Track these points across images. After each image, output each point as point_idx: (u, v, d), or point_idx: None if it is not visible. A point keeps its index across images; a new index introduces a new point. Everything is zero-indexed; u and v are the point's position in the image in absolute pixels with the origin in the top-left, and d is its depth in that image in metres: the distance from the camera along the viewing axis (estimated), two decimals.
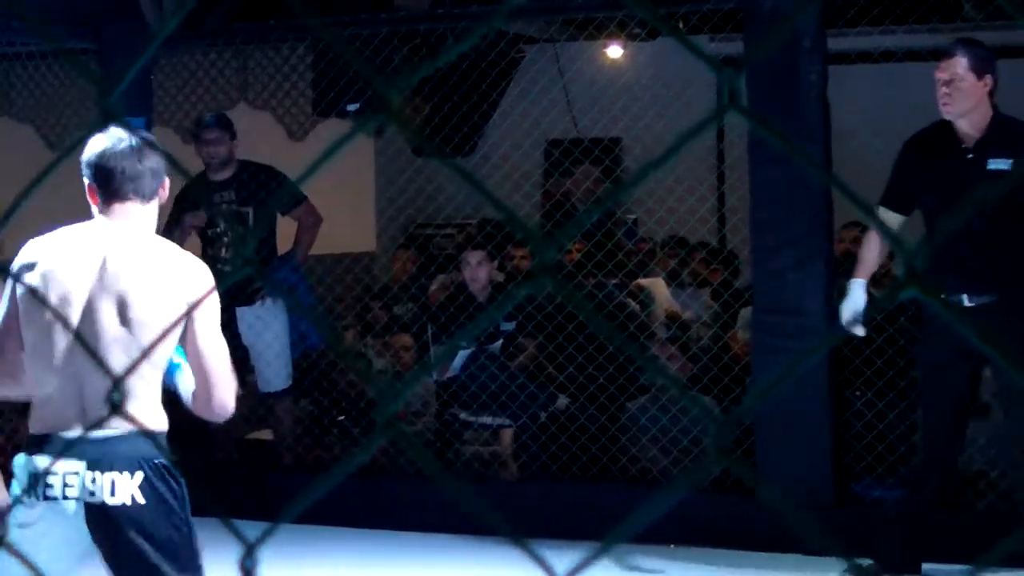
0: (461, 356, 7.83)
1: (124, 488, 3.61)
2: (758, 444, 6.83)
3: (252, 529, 1.34)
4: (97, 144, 3.86)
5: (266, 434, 8.44)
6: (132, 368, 3.54)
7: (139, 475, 3.62)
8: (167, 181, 3.90)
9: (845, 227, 7.96)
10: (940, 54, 5.91)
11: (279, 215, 8.04)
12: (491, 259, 8.01)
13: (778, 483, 6.55)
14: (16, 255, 3.83)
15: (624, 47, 10.19)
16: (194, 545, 3.72)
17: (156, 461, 3.64)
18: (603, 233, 8.35)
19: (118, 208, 3.82)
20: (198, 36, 8.27)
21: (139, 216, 3.85)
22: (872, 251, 6.02)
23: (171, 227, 7.97)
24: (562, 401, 7.80)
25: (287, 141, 8.45)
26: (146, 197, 3.85)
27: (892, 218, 5.88)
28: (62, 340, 3.71)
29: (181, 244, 7.86)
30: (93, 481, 3.61)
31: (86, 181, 3.86)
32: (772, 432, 6.76)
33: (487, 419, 7.83)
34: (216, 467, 7.92)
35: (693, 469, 6.93)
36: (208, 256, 7.96)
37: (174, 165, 4.08)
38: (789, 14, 6.60)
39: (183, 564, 3.69)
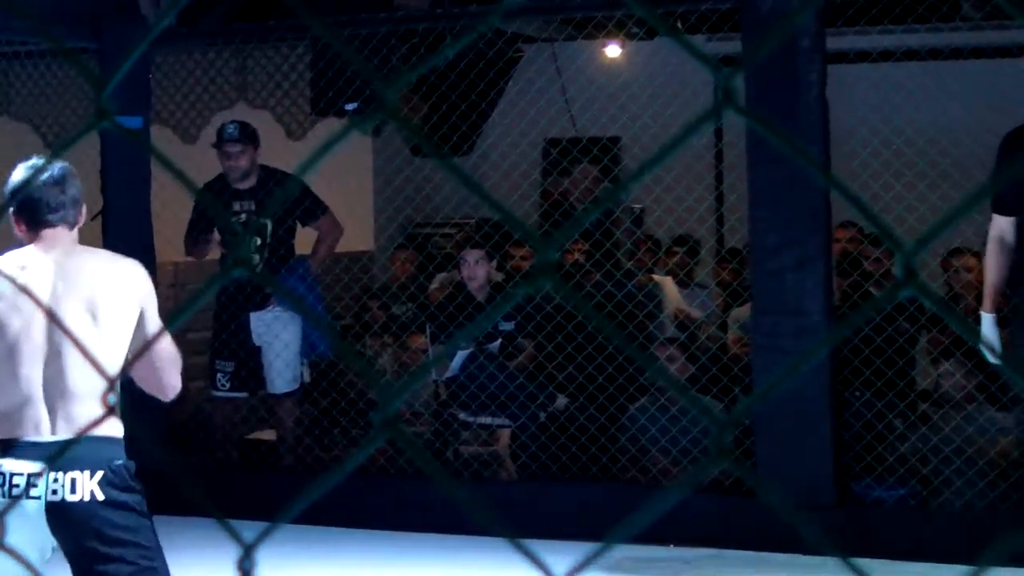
0: (460, 356, 7.82)
1: (84, 486, 3.78)
2: (758, 444, 6.82)
3: (252, 530, 1.33)
4: (19, 176, 4.03)
5: (267, 434, 8.44)
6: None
7: (99, 474, 3.79)
8: (84, 207, 4.08)
9: (841, 226, 7.92)
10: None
11: (300, 225, 8.02)
12: (490, 258, 8.01)
13: (778, 483, 6.54)
14: None
15: (622, 46, 10.18)
16: (155, 542, 3.89)
17: (116, 463, 3.82)
18: (602, 232, 8.34)
19: (49, 234, 3.99)
20: (197, 35, 8.27)
21: (70, 240, 4.03)
22: (992, 272, 5.66)
23: (192, 232, 7.95)
24: (561, 401, 7.79)
25: (286, 140, 8.44)
26: (72, 224, 4.04)
27: (1005, 222, 5.60)
28: (21, 350, 3.87)
29: (203, 254, 7.97)
30: (55, 480, 3.78)
31: (10, 211, 4.03)
32: (772, 432, 6.75)
33: (486, 419, 7.82)
34: (216, 467, 7.92)
35: (693, 470, 6.93)
36: (224, 264, 7.94)
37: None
38: (788, 14, 6.59)
39: (143, 557, 3.84)
